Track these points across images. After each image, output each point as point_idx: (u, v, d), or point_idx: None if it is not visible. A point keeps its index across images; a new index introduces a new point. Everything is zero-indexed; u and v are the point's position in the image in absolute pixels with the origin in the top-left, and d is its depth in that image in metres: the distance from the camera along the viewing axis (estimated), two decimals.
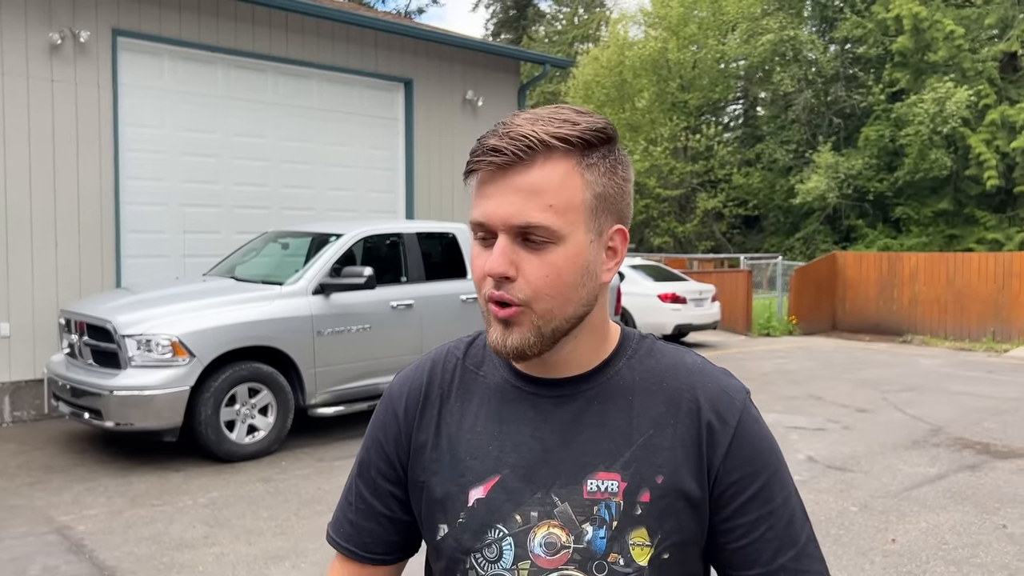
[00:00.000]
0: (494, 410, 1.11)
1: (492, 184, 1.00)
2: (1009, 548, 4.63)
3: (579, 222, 1.00)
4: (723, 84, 30.26)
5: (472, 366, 1.16)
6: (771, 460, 1.08)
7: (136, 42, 8.45)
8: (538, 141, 0.97)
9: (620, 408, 1.07)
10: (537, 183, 0.98)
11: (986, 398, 9.27)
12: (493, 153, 0.98)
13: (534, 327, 1.01)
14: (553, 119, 1.00)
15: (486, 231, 1.01)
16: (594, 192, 1.01)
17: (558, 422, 1.07)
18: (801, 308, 16.19)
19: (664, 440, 1.05)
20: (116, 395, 5.93)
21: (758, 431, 1.08)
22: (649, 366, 1.11)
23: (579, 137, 0.99)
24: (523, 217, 0.97)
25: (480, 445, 1.09)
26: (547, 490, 1.05)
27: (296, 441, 6.83)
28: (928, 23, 23.52)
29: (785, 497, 1.07)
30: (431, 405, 1.15)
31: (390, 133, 10.69)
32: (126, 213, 8.42)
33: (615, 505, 1.03)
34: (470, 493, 1.07)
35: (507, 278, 0.99)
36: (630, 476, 1.04)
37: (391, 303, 7.14)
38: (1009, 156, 22.59)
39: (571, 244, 1.00)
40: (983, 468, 6.30)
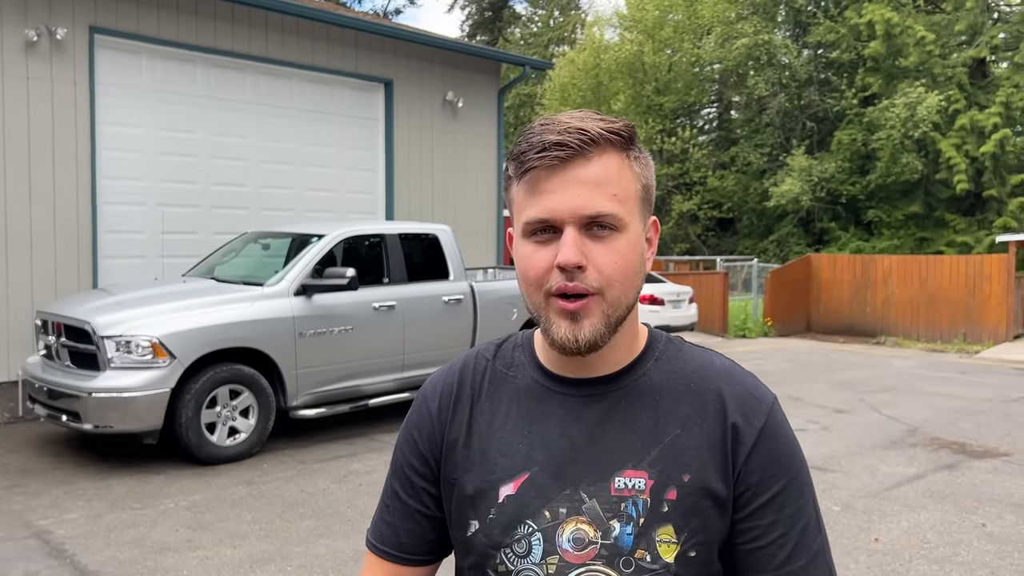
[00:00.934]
0: (524, 409, 1.12)
1: (553, 179, 1.01)
2: (989, 547, 4.71)
3: (635, 211, 1.05)
4: (698, 87, 30.45)
5: (502, 367, 1.18)
6: (793, 465, 1.09)
7: (114, 40, 8.35)
8: (596, 135, 1.01)
9: (647, 408, 1.09)
10: (599, 175, 1.01)
11: (960, 399, 9.41)
12: (557, 148, 1.00)
13: (604, 316, 1.03)
14: (594, 118, 1.04)
15: (546, 227, 1.02)
16: (642, 183, 1.07)
17: (587, 421, 1.09)
18: (776, 310, 16.35)
19: (691, 440, 1.07)
20: (95, 397, 5.84)
21: (783, 436, 1.10)
22: (677, 367, 1.13)
23: (625, 132, 1.04)
24: (593, 207, 1.00)
25: (510, 443, 1.11)
26: (575, 487, 1.06)
27: (278, 443, 6.77)
28: (899, 29, 23.85)
29: (802, 505, 1.08)
30: (463, 404, 1.17)
31: (370, 134, 10.65)
32: (103, 213, 8.31)
33: (642, 502, 1.04)
34: (500, 490, 1.09)
35: (580, 268, 1.00)
36: (657, 474, 1.05)
37: (373, 304, 7.10)
38: (978, 160, 22.95)
39: (632, 232, 1.04)
40: (960, 468, 6.39)
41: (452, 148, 11.32)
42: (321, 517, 5.07)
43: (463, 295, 7.79)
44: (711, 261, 23.80)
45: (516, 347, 1.20)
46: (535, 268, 1.03)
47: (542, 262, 1.02)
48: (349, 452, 6.65)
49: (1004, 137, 22.30)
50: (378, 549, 1.20)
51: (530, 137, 1.02)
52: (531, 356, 1.17)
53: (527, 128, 1.05)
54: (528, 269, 1.04)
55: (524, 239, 1.04)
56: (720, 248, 29.49)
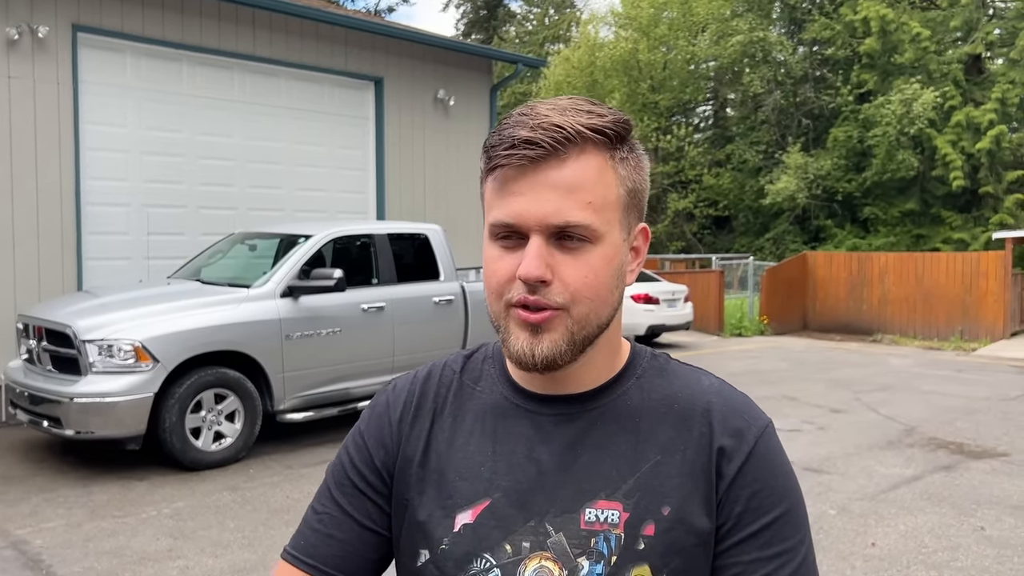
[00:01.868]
0: (489, 427, 1.01)
1: (522, 180, 0.90)
2: (988, 551, 4.61)
3: (615, 220, 0.93)
4: (693, 85, 30.38)
5: (469, 381, 1.06)
6: (785, 498, 0.95)
7: (97, 38, 8.22)
8: (574, 133, 0.89)
9: (626, 431, 0.97)
10: (574, 179, 0.89)
11: (957, 397, 9.32)
12: (527, 146, 0.88)
13: (567, 333, 0.92)
14: (579, 110, 0.91)
15: (511, 232, 0.91)
16: (627, 188, 0.94)
17: (557, 443, 0.97)
18: (772, 308, 16.26)
19: (672, 467, 0.95)
20: (76, 402, 5.73)
21: (775, 464, 0.97)
22: (660, 386, 1.01)
23: (612, 129, 0.91)
24: (562, 216, 0.89)
25: (471, 466, 0.99)
26: (541, 518, 0.94)
27: (264, 448, 6.66)
28: (895, 25, 23.78)
29: (793, 546, 0.94)
30: (422, 418, 1.05)
31: (360, 132, 10.53)
32: (87, 214, 8.18)
33: (615, 538, 0.92)
34: (457, 517, 0.97)
35: (543, 282, 0.89)
36: (633, 506, 0.93)
37: (362, 306, 6.99)
38: (974, 157, 22.89)
39: (607, 244, 0.92)
40: (958, 468, 6.30)
41: (444, 147, 11.21)
42: None
43: (454, 296, 7.68)
44: (707, 259, 23.71)
45: (486, 359, 1.08)
46: (497, 275, 0.92)
47: (505, 270, 0.91)
48: None
49: (1000, 133, 22.23)
50: (305, 564, 1.02)
51: (503, 129, 0.91)
52: (501, 369, 1.05)
53: (506, 116, 0.94)
54: (491, 275, 0.93)
55: (490, 241, 0.94)
56: (716, 246, 29.41)
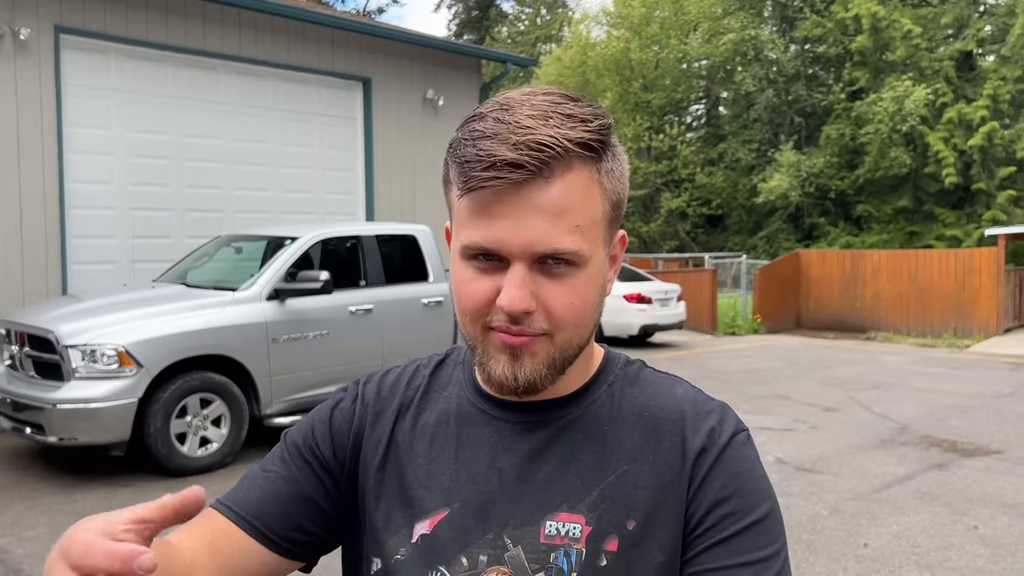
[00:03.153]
0: (451, 434, 0.96)
1: (503, 203, 0.81)
2: (982, 550, 4.55)
3: (600, 239, 0.87)
4: (685, 84, 30.38)
5: (437, 386, 1.01)
6: (759, 505, 0.88)
7: (80, 40, 8.14)
8: (562, 151, 0.80)
9: (592, 440, 0.91)
10: (561, 201, 0.81)
11: (950, 395, 9.28)
12: (510, 168, 0.79)
13: (549, 359, 0.86)
14: (562, 115, 0.82)
15: (489, 255, 0.83)
16: (611, 202, 0.87)
17: (521, 452, 0.92)
18: (766, 307, 16.22)
19: (639, 477, 0.89)
20: (59, 408, 5.64)
21: (745, 469, 0.90)
22: (632, 395, 0.95)
23: (598, 139, 0.83)
24: (549, 243, 0.81)
25: (432, 473, 0.94)
26: (500, 530, 0.88)
27: (252, 453, 6.57)
28: (886, 23, 23.79)
29: (768, 555, 0.86)
30: (385, 417, 0.99)
31: (348, 133, 10.46)
32: (72, 218, 8.10)
33: (576, 553, 0.86)
34: (415, 527, 0.92)
35: (527, 313, 0.83)
36: (596, 519, 0.87)
37: (349, 308, 6.92)
38: (966, 154, 22.92)
39: (593, 265, 0.86)
40: (951, 467, 6.25)
41: (433, 147, 11.14)
42: None
43: (443, 297, 7.61)
44: (700, 258, 23.67)
45: (457, 364, 1.03)
46: (473, 299, 0.85)
47: (482, 293, 0.84)
48: None
49: (992, 130, 22.26)
50: (235, 515, 0.94)
51: (477, 139, 0.81)
52: (469, 374, 0.99)
53: (476, 113, 0.85)
54: (465, 298, 0.86)
55: (462, 260, 0.86)
56: (710, 245, 29.39)
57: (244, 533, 0.94)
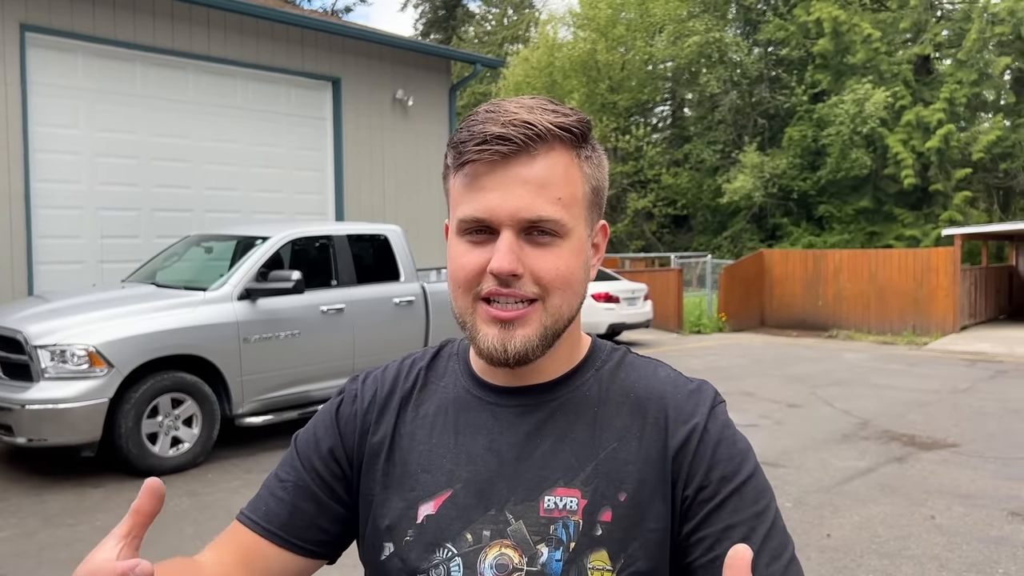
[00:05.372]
0: (450, 420, 1.03)
1: (492, 176, 0.92)
2: (938, 539, 4.73)
3: (581, 216, 0.96)
4: (651, 85, 30.65)
5: (434, 377, 1.09)
6: (744, 466, 0.96)
7: (46, 38, 8.06)
8: (544, 130, 0.91)
9: (584, 420, 0.99)
10: (544, 175, 0.92)
11: (909, 391, 9.53)
12: (499, 142, 0.90)
13: (541, 327, 0.95)
14: (545, 108, 0.94)
15: (481, 226, 0.93)
16: (591, 186, 0.97)
17: (517, 434, 0.99)
18: (730, 305, 16.47)
19: (628, 453, 0.97)
20: (28, 409, 5.61)
21: (728, 436, 0.98)
22: (618, 378, 1.03)
23: (577, 128, 0.94)
24: (533, 210, 0.91)
25: (433, 458, 1.01)
26: (501, 507, 0.96)
27: (223, 453, 6.58)
28: (847, 26, 24.23)
29: (762, 508, 0.95)
30: (388, 413, 1.06)
31: (318, 133, 10.46)
32: (38, 217, 8.02)
33: (573, 524, 0.94)
34: (420, 509, 0.99)
35: (515, 275, 0.92)
36: (591, 493, 0.95)
37: (321, 308, 6.95)
38: (924, 156, 23.41)
39: (575, 239, 0.95)
40: (910, 460, 6.45)
41: (403, 147, 11.18)
42: None
43: (415, 296, 7.67)
44: (666, 258, 23.92)
45: (452, 356, 1.10)
46: (465, 269, 0.94)
47: (474, 263, 0.93)
48: None
49: (948, 132, 22.76)
50: (263, 528, 1.03)
51: (472, 125, 0.93)
52: (464, 364, 1.07)
53: (471, 113, 0.95)
54: (458, 270, 0.95)
55: (457, 236, 0.96)
56: (675, 245, 29.68)
57: (271, 543, 1.03)
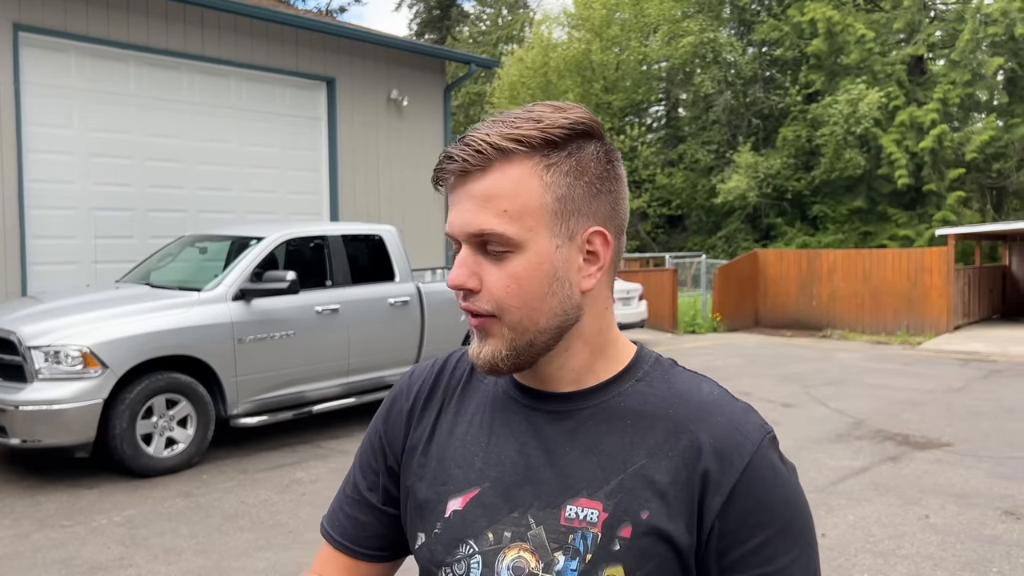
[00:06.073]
0: (487, 419, 1.05)
1: (454, 193, 0.95)
2: (932, 538, 4.74)
3: (539, 227, 0.93)
4: (646, 86, 30.68)
5: (480, 375, 1.10)
6: (783, 513, 0.93)
7: (40, 38, 8.04)
8: (488, 145, 0.91)
9: (616, 432, 0.98)
10: (490, 188, 0.92)
11: (903, 390, 9.56)
12: (447, 160, 0.93)
13: (506, 340, 0.95)
14: (517, 119, 0.93)
15: (456, 241, 0.96)
16: (556, 195, 0.93)
17: (548, 439, 1.00)
18: (725, 305, 16.49)
19: (656, 472, 0.94)
20: (22, 410, 5.59)
21: (771, 478, 0.94)
22: (659, 391, 1.00)
23: (540, 138, 0.92)
24: (476, 224, 0.92)
25: (467, 455, 1.03)
26: (524, 510, 0.97)
27: (218, 453, 6.58)
28: (840, 27, 24.29)
29: (792, 560, 0.92)
30: (431, 408, 1.10)
31: (312, 133, 10.45)
32: (32, 218, 7.99)
33: (592, 536, 0.93)
34: (448, 503, 1.02)
35: (469, 290, 0.95)
36: (613, 507, 0.94)
37: (316, 308, 6.94)
38: (918, 156, 23.48)
39: (532, 252, 0.93)
40: (904, 459, 6.47)
41: (398, 147, 11.17)
42: (262, 529, 4.91)
43: (409, 297, 7.66)
44: (660, 258, 23.95)
45: None
46: (450, 282, 0.97)
47: (452, 278, 0.97)
48: (292, 460, 6.48)
49: (942, 133, 22.84)
50: (334, 540, 1.14)
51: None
52: None
53: None
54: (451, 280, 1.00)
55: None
56: (669, 245, 29.73)
57: (364, 562, 1.13)
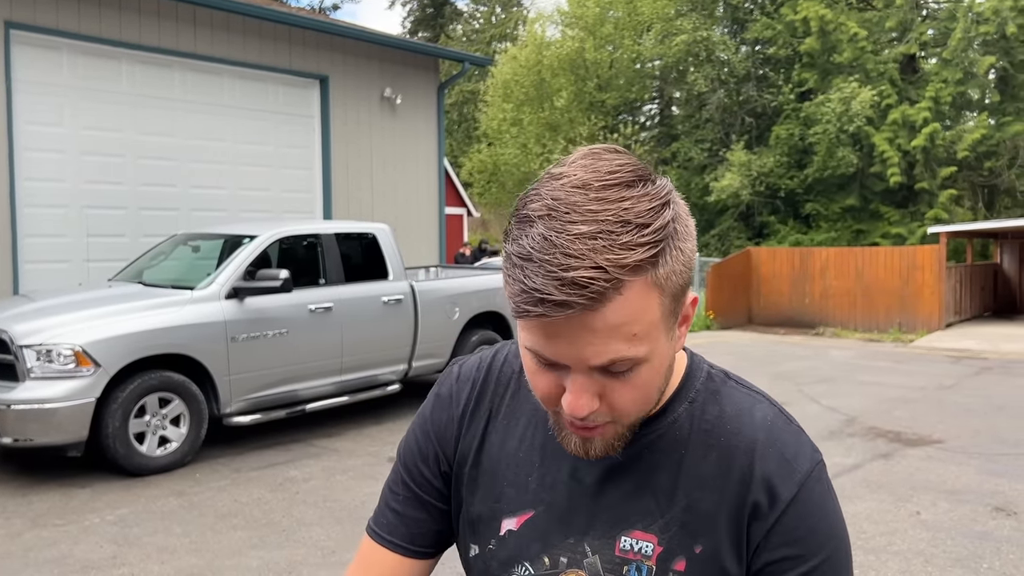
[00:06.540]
0: (539, 440, 1.03)
1: (557, 326, 0.81)
2: (923, 534, 4.77)
3: (660, 333, 0.86)
4: (639, 84, 30.71)
5: (527, 384, 1.04)
6: (828, 544, 0.94)
7: (31, 35, 8.01)
8: (615, 277, 0.78)
9: (670, 463, 0.98)
10: (613, 319, 0.80)
11: (895, 388, 9.60)
12: (558, 308, 0.78)
13: (618, 435, 0.93)
14: (614, 225, 0.79)
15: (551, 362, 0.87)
16: (672, 295, 0.85)
17: (601, 467, 0.99)
18: (718, 303, 16.53)
19: (709, 505, 0.96)
20: (14, 409, 5.58)
21: (819, 508, 0.95)
22: (712, 414, 0.99)
23: (653, 255, 0.80)
24: (605, 356, 0.82)
25: (519, 474, 1.03)
26: (580, 538, 0.99)
27: (212, 452, 6.57)
28: (833, 25, 24.36)
29: None
30: (479, 417, 1.08)
31: (306, 131, 10.43)
32: (23, 216, 7.97)
33: (647, 569, 0.96)
34: (503, 522, 1.03)
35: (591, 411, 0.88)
36: (667, 541, 0.96)
37: (309, 306, 6.93)
38: (910, 154, 23.57)
39: (655, 357, 0.87)
40: (895, 456, 6.49)
41: (391, 145, 11.17)
42: (255, 528, 4.91)
43: (403, 295, 7.66)
44: None
45: None
46: (540, 391, 0.90)
47: (547, 387, 0.89)
48: (286, 459, 6.48)
49: (934, 131, 22.91)
50: (384, 539, 1.11)
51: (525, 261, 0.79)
52: None
53: (524, 214, 0.82)
54: (535, 387, 0.91)
55: (523, 346, 0.89)
56: None
57: (409, 559, 1.10)
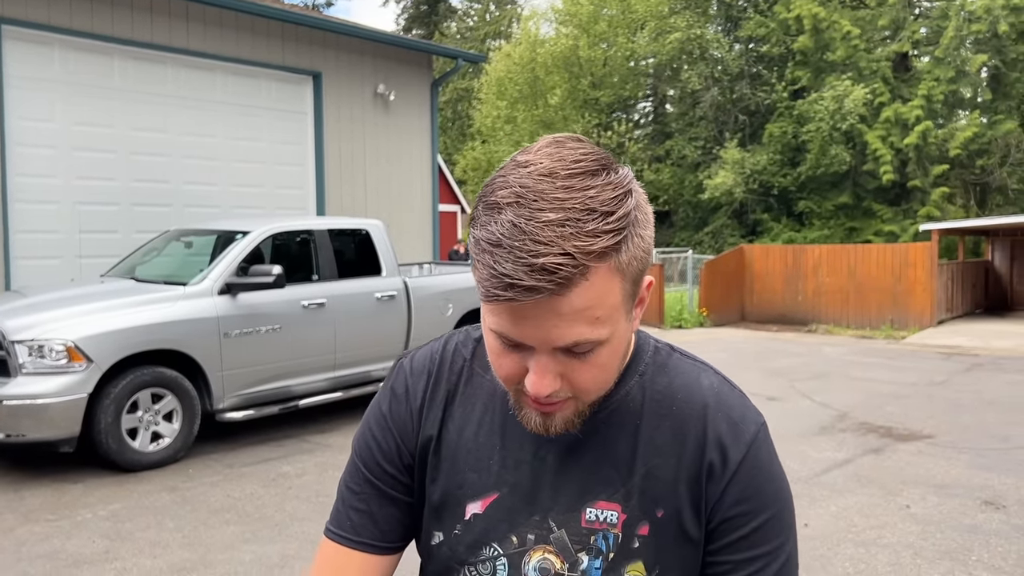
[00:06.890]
0: (497, 422, 1.05)
1: (524, 310, 0.84)
2: (913, 528, 4.80)
3: (620, 315, 0.90)
4: (633, 82, 30.75)
5: (480, 368, 1.09)
6: (775, 501, 1.01)
7: (22, 31, 7.98)
8: (572, 268, 0.81)
9: (627, 434, 1.02)
10: (578, 303, 0.84)
11: (887, 383, 9.64)
12: (527, 293, 0.81)
13: (578, 411, 0.96)
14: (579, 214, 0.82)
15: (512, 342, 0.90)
16: (632, 279, 0.89)
17: (562, 443, 1.02)
18: (711, 300, 16.56)
19: (667, 472, 1.01)
20: (6, 405, 5.56)
21: (765, 469, 1.02)
22: (661, 385, 1.04)
23: (616, 238, 0.84)
24: (568, 338, 0.86)
25: (480, 458, 1.05)
26: (545, 514, 1.01)
27: (204, 447, 6.57)
28: (826, 23, 24.42)
29: (780, 543, 1.01)
30: (436, 406, 1.09)
31: (299, 127, 10.42)
32: (15, 212, 7.95)
33: (613, 536, 1.00)
34: (467, 507, 1.04)
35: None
36: (631, 508, 1.00)
37: (302, 302, 6.93)
38: (903, 152, 23.64)
39: (615, 338, 0.91)
40: (886, 451, 6.53)
41: (385, 141, 11.16)
42: (247, 523, 4.91)
43: (396, 291, 7.67)
44: None
45: None
46: (502, 371, 0.93)
47: (510, 368, 0.91)
48: (279, 455, 6.48)
49: (926, 129, 23.00)
50: (352, 541, 1.08)
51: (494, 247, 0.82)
52: None
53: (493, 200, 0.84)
54: (497, 368, 0.94)
55: (489, 330, 0.92)
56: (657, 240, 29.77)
57: (379, 556, 1.08)
